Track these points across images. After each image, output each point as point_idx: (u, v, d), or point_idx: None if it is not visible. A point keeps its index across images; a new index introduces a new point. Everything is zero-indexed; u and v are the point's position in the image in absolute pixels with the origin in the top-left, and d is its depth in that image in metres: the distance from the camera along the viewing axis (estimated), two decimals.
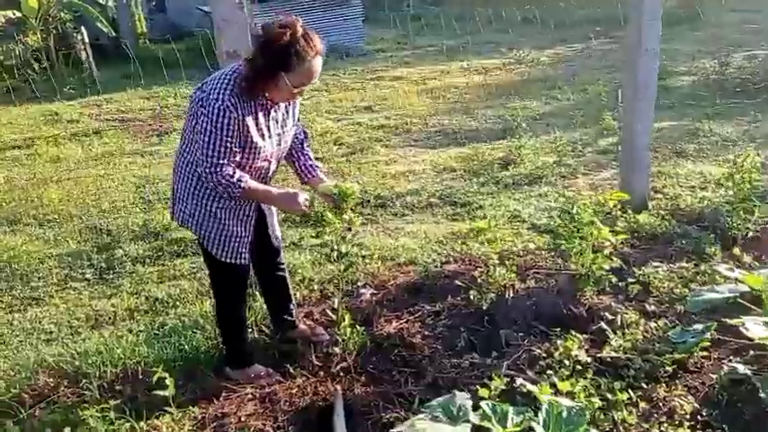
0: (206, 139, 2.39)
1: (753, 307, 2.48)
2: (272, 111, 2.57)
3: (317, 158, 6.62)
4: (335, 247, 2.70)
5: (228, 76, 2.45)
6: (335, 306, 2.72)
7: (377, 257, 3.86)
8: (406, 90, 11.07)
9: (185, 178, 2.60)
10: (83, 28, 14.87)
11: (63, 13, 16.44)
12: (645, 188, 4.28)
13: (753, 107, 7.22)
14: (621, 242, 3.74)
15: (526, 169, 5.61)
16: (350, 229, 2.71)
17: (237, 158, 2.47)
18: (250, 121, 2.45)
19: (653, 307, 3.02)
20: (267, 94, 2.48)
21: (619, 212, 4.13)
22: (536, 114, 8.62)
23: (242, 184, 2.46)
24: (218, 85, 2.43)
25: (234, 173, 2.45)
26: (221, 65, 3.05)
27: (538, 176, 5.44)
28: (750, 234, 3.73)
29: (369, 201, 5.07)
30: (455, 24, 18.98)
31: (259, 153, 2.53)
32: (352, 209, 2.66)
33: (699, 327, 2.52)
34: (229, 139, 2.40)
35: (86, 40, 14.52)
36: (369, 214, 4.84)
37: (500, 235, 4.19)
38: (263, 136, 2.53)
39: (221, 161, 2.41)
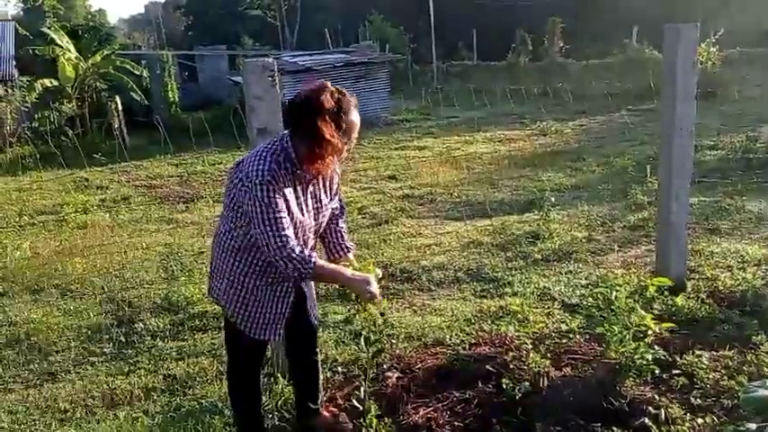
0: (259, 218, 2.28)
1: None
2: (310, 185, 2.48)
3: None
4: (365, 332, 2.58)
5: (265, 153, 2.37)
6: (361, 395, 2.58)
7: (403, 337, 3.73)
8: (430, 160, 11.14)
9: (223, 253, 2.51)
10: (116, 97, 15.33)
11: (99, 83, 17.03)
12: (682, 269, 4.13)
13: None
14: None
15: (555, 244, 5.49)
16: (383, 314, 2.60)
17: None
18: (290, 194, 2.36)
19: (698, 400, 2.83)
20: (316, 171, 2.39)
21: (655, 294, 4.00)
22: (562, 186, 8.56)
23: (313, 260, 2.32)
24: (256, 161, 2.33)
25: (302, 249, 2.33)
26: (252, 141, 3.04)
27: (567, 252, 5.31)
28: None
29: (394, 275, 4.97)
30: (477, 97, 19.33)
31: (300, 228, 2.42)
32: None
33: (752, 426, 2.33)
34: (281, 212, 2.29)
35: (119, 108, 14.95)
36: (394, 289, 4.73)
37: (532, 316, 4.08)
38: (302, 210, 2.43)
39: (284, 232, 2.28)
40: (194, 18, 36.84)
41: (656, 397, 2.81)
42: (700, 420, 2.65)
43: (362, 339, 2.56)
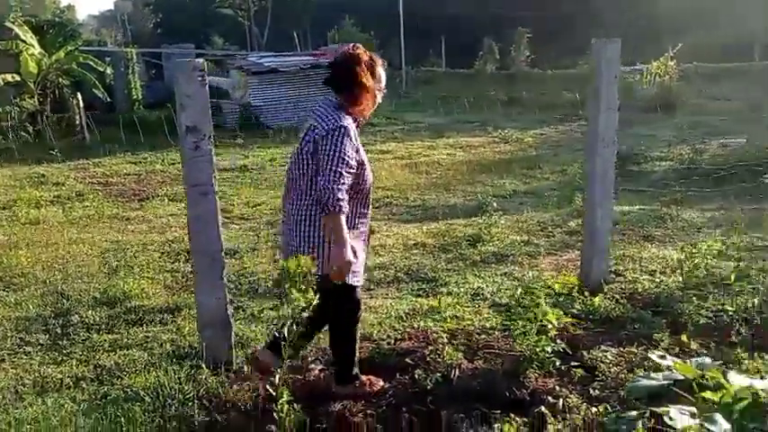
0: (333, 158, 2.71)
1: (685, 395, 2.48)
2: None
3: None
4: (284, 330, 2.69)
5: (327, 105, 2.88)
6: (276, 382, 2.71)
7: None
8: (391, 164, 11.29)
9: (306, 225, 2.87)
10: (78, 93, 15.21)
11: (62, 79, 16.86)
12: (604, 271, 4.33)
13: (721, 194, 7.39)
14: (574, 324, 3.78)
15: (494, 247, 5.68)
16: (305, 310, 2.71)
17: (350, 182, 2.77)
18: (359, 144, 2.87)
19: (597, 391, 3.02)
20: (360, 113, 2.92)
21: (576, 294, 4.20)
22: (513, 192, 8.80)
23: (344, 207, 2.71)
24: (331, 113, 2.83)
25: (344, 195, 2.72)
26: (181, 139, 3.15)
27: (505, 255, 5.50)
28: (702, 321, 3.75)
29: None
30: (444, 103, 19.58)
31: (368, 177, 2.94)
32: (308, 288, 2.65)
33: (633, 413, 2.51)
34: (349, 158, 2.74)
35: (81, 104, 14.84)
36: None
37: (460, 313, 4.25)
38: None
39: (344, 176, 2.70)
40: (163, 16, 36.61)
41: (557, 388, 2.98)
42: (594, 409, 2.82)
43: (285, 330, 2.67)
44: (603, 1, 24.21)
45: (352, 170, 2.76)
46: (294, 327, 2.57)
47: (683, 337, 3.48)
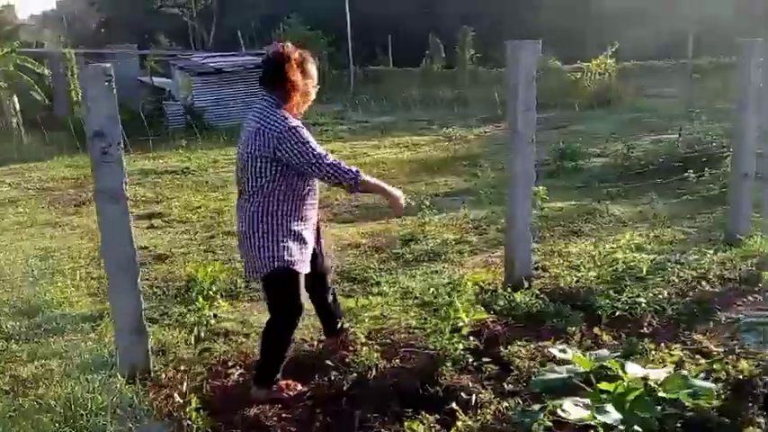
0: (303, 153, 2.88)
1: (585, 387, 2.57)
2: None
3: (227, 232, 6.61)
4: (195, 332, 2.69)
5: (267, 110, 2.96)
6: (184, 390, 2.69)
7: (254, 335, 3.85)
8: None
9: (265, 221, 2.97)
10: (14, 96, 14.77)
11: None
12: (527, 268, 4.43)
13: (651, 189, 7.61)
14: (494, 321, 3.87)
15: (427, 246, 5.75)
16: (215, 315, 2.71)
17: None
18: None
19: (511, 386, 3.09)
20: (292, 109, 3.02)
21: (501, 291, 4.29)
22: (454, 191, 8.90)
23: (354, 173, 2.99)
24: (270, 118, 2.93)
25: (340, 164, 2.98)
26: (89, 145, 3.09)
27: (437, 253, 5.57)
28: (618, 313, 3.88)
29: None
30: (391, 102, 19.66)
31: None
32: (213, 293, 2.66)
33: (536, 407, 2.59)
34: (314, 143, 2.93)
35: (17, 107, 14.42)
36: (260, 290, 4.85)
37: (388, 312, 4.30)
38: None
39: (327, 155, 2.93)
40: (108, 15, 35.77)
41: (471, 384, 3.04)
42: (505, 404, 2.89)
43: (190, 336, 2.67)
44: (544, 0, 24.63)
45: (320, 148, 2.95)
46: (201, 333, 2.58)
47: (596, 330, 3.59)
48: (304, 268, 3.10)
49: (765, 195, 5.46)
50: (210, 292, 2.93)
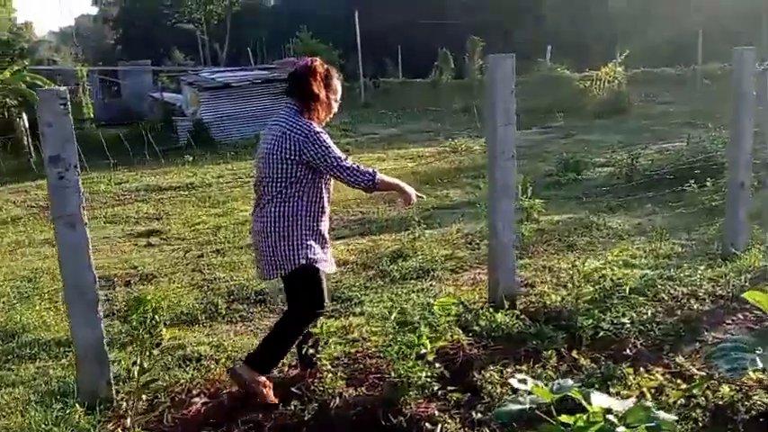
0: (325, 154, 3.06)
1: (547, 419, 2.44)
2: None
3: (216, 251, 6.56)
4: (138, 361, 2.61)
5: (293, 117, 3.13)
6: (127, 423, 2.61)
7: (225, 361, 3.76)
8: None
9: (287, 221, 3.12)
10: (24, 114, 14.95)
11: (8, 99, 16.55)
12: (510, 287, 4.29)
13: (652, 200, 7.44)
14: (471, 343, 3.75)
15: (416, 263, 5.63)
16: (159, 344, 2.64)
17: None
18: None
19: (479, 415, 2.97)
20: (313, 119, 3.17)
21: (482, 311, 4.16)
22: (455, 203, 8.78)
23: (373, 175, 3.16)
24: (296, 123, 3.09)
25: (360, 167, 3.16)
26: (46, 170, 3.04)
27: (426, 270, 5.45)
28: (600, 334, 3.73)
29: (248, 297, 5.02)
30: (400, 114, 19.61)
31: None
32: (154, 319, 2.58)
33: None
34: (335, 148, 3.12)
35: (26, 125, 14.57)
36: (245, 312, 4.78)
37: (368, 334, 4.19)
38: None
39: (346, 158, 3.12)
40: (123, 32, 36.22)
41: (437, 413, 2.93)
42: None
43: (134, 367, 2.59)
44: (554, 9, 24.48)
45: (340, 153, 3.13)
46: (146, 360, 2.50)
47: (574, 353, 3.46)
48: (327, 267, 3.31)
49: None
50: (156, 318, 2.83)
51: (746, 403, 2.90)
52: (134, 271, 5.92)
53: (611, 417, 2.36)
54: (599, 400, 2.47)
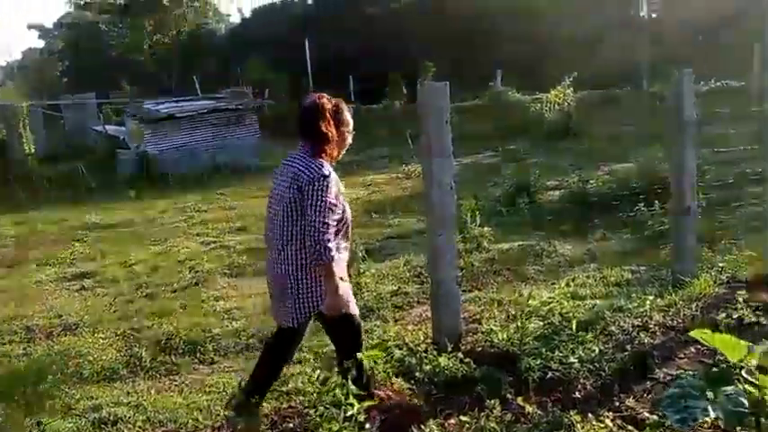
0: (318, 205, 2.93)
1: None
2: None
3: (148, 295, 6.19)
4: None
5: (304, 155, 3.07)
6: None
7: (146, 423, 3.42)
8: None
9: (300, 269, 3.05)
10: None
11: None
12: (454, 326, 4.06)
13: (603, 224, 7.33)
14: (412, 393, 3.49)
15: (361, 301, 5.35)
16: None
17: (337, 218, 3.04)
18: (341, 185, 3.11)
19: None
20: (333, 156, 3.16)
21: (425, 355, 3.90)
22: (407, 233, 8.54)
23: (333, 255, 2.96)
24: (310, 161, 3.03)
25: (332, 242, 2.97)
26: None
27: (371, 309, 5.18)
28: (549, 374, 3.51)
29: (176, 347, 4.67)
30: (354, 139, 19.42)
31: (347, 210, 3.18)
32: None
33: None
34: (333, 202, 2.98)
35: None
36: (171, 364, 4.43)
37: (303, 384, 3.88)
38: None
39: (329, 221, 2.96)
40: (70, 64, 35.42)
41: None
42: None
43: None
44: (504, 33, 24.81)
45: (337, 215, 3.02)
46: None
47: (520, 400, 3.22)
48: (353, 308, 3.20)
49: None
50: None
51: None
52: (58, 320, 5.50)
53: None
54: None
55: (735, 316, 3.95)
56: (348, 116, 3.28)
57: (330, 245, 2.95)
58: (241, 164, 15.09)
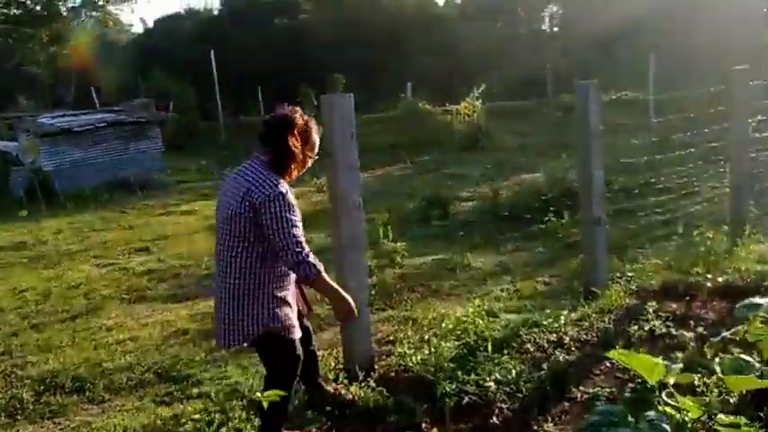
0: (280, 227, 2.74)
1: None
2: None
3: (35, 325, 5.64)
4: None
5: (259, 168, 2.86)
6: None
7: None
8: (193, 227, 10.42)
9: (244, 286, 2.83)
10: None
11: None
12: (366, 350, 3.83)
13: (516, 235, 7.33)
14: (320, 427, 3.23)
15: None
16: None
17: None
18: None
19: None
20: (285, 176, 2.93)
21: (336, 384, 3.66)
22: (320, 249, 8.27)
23: (318, 267, 2.83)
24: (265, 177, 2.81)
25: (313, 255, 2.84)
26: None
27: None
28: (466, 399, 3.34)
29: (63, 386, 4.21)
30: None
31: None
32: None
33: None
34: (298, 219, 2.83)
35: None
36: (57, 405, 3.97)
37: (202, 424, 3.55)
38: None
39: (301, 238, 2.80)
40: None
41: None
42: None
43: None
44: (415, 45, 25.05)
45: (300, 227, 2.83)
46: None
47: (435, 430, 3.03)
48: (296, 333, 2.99)
49: None
50: None
51: None
52: None
53: None
54: None
55: (646, 328, 3.93)
56: (316, 138, 3.09)
57: (310, 258, 2.80)
58: (144, 179, 14.36)
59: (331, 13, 28.53)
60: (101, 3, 32.61)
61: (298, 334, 3.00)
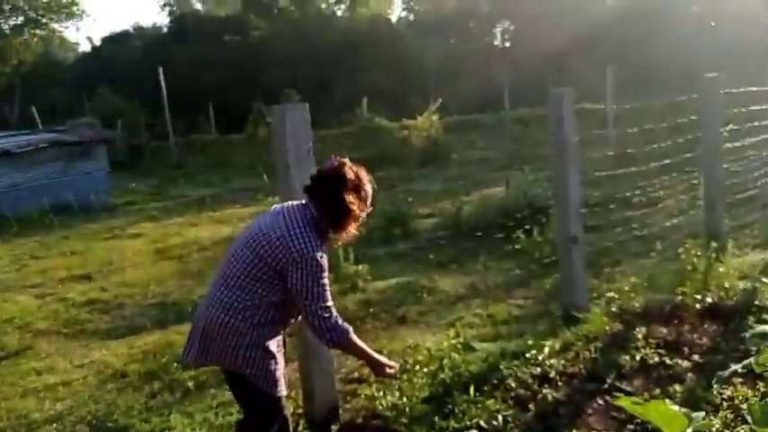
0: (309, 290, 2.47)
1: None
2: None
3: None
4: None
5: (302, 225, 2.51)
6: None
7: None
8: (140, 251, 9.78)
9: (240, 325, 2.51)
10: None
11: None
12: (329, 394, 3.39)
13: (483, 253, 6.99)
14: None
15: None
16: None
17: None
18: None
19: None
20: (339, 237, 2.66)
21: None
22: None
23: (348, 333, 2.56)
24: (302, 235, 2.48)
25: (342, 319, 2.57)
26: None
27: None
28: None
29: None
30: (217, 172, 18.35)
31: None
32: None
33: None
34: (327, 283, 2.53)
35: None
36: None
37: None
38: None
39: (329, 303, 2.53)
40: None
41: None
42: None
43: None
44: (368, 61, 24.83)
45: (329, 290, 2.54)
46: None
47: None
48: (282, 388, 2.68)
49: None
50: None
51: None
52: None
53: None
54: None
55: (637, 357, 3.59)
56: (369, 190, 2.66)
57: (338, 324, 2.54)
58: (88, 202, 13.59)
59: (283, 30, 28.11)
60: (44, 21, 31.57)
61: (283, 390, 2.67)
